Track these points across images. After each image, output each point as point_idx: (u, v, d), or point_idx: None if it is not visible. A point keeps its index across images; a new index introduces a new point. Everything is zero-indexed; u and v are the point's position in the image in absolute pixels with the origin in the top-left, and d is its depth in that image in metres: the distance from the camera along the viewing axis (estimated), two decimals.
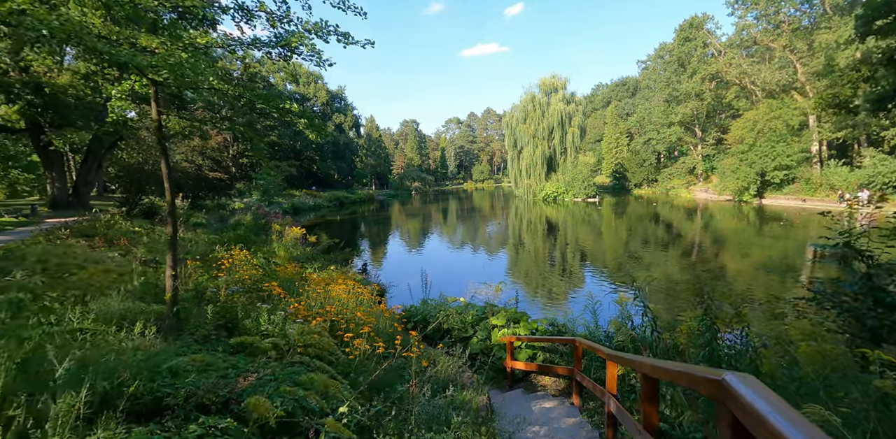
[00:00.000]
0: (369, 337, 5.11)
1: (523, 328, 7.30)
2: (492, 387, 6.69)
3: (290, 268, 9.24)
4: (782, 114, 40.90)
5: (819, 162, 42.20)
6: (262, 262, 6.95)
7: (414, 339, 5.20)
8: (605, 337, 6.28)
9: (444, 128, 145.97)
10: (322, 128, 5.45)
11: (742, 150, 42.90)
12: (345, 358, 4.19)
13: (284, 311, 4.53)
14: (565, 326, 7.54)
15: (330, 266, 14.29)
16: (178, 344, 3.76)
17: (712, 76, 51.79)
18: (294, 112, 4.95)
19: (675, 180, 60.69)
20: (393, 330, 5.58)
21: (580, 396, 5.12)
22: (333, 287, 6.54)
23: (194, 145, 31.53)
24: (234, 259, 6.40)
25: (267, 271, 6.94)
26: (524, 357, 6.83)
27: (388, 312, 5.93)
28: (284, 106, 4.87)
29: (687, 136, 59.55)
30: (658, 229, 30.09)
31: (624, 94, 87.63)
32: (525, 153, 59.99)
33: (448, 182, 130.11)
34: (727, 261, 18.60)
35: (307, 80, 71.32)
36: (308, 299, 5.86)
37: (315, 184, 68.82)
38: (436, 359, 5.27)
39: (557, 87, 60.30)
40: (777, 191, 41.68)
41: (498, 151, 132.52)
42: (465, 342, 7.77)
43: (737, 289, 13.12)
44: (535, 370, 5.94)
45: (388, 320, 5.75)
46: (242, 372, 3.12)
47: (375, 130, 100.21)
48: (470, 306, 8.73)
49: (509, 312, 7.76)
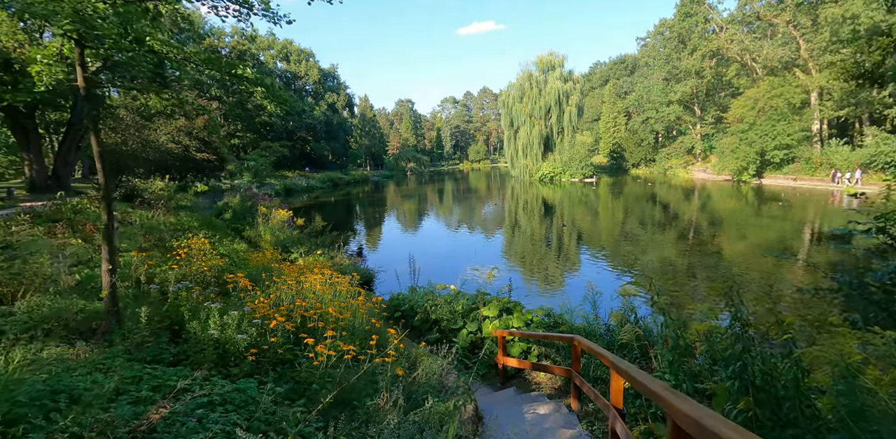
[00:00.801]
0: (340, 337, 4.54)
1: (517, 319, 6.76)
2: (482, 385, 6.19)
3: (269, 254, 8.63)
4: (784, 92, 39.94)
5: (820, 141, 41.51)
6: (229, 250, 6.33)
7: (393, 338, 4.64)
8: (606, 331, 5.74)
9: (440, 107, 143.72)
10: (285, 100, 4.76)
11: (742, 130, 42.08)
12: (308, 365, 3.62)
13: (241, 310, 3.94)
14: (562, 317, 7.01)
15: (317, 250, 13.73)
16: (104, 355, 3.16)
17: (713, 53, 50.50)
18: (249, 79, 4.26)
19: (672, 160, 59.94)
20: (370, 328, 5.01)
21: (578, 399, 4.60)
22: (309, 277, 5.94)
23: (180, 125, 30.52)
24: (193, 248, 5.75)
25: (235, 260, 6.33)
26: (517, 351, 6.31)
27: (365, 306, 5.35)
28: (237, 72, 4.17)
29: (686, 115, 58.55)
30: (656, 210, 29.56)
31: (622, 72, 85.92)
32: (521, 133, 58.91)
33: (444, 162, 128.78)
34: (725, 243, 18.12)
35: (298, 57, 69.34)
36: (278, 292, 5.27)
37: (308, 165, 67.68)
38: (418, 360, 4.72)
39: (555, 64, 58.82)
40: (777, 171, 41.09)
41: (494, 131, 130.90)
42: (454, 334, 7.25)
43: (752, 278, 12.67)
44: (528, 367, 5.42)
45: (366, 315, 5.18)
46: (166, 395, 2.53)
47: (369, 110, 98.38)
48: (460, 295, 8.19)
49: (502, 302, 7.21)
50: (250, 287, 5.43)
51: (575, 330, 6.22)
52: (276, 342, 3.80)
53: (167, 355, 3.36)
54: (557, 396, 5.43)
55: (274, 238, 15.77)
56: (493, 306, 7.05)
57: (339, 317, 4.67)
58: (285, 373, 3.65)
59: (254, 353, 3.49)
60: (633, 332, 4.67)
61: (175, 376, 2.88)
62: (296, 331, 4.36)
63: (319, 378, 3.47)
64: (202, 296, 4.55)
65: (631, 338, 4.67)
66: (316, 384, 3.38)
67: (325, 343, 4.16)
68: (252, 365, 3.49)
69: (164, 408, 2.33)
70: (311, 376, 3.52)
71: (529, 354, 6.41)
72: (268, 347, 3.67)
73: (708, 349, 3.68)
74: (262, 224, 17.07)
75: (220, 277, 5.39)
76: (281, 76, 68.95)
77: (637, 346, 4.72)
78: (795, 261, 13.99)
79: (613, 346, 5.22)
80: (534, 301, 10.38)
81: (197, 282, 5.05)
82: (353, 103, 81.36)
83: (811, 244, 17.06)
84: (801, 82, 40.70)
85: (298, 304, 4.98)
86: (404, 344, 5.78)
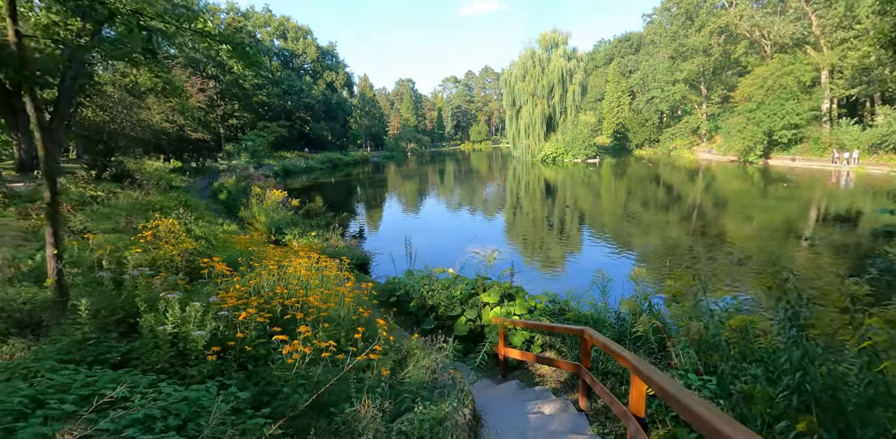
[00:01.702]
0: (323, 329, 4.08)
1: (519, 306, 6.30)
2: (482, 377, 5.77)
3: (256, 236, 8.15)
4: (794, 70, 38.76)
5: (829, 121, 40.54)
6: (206, 232, 5.83)
7: (382, 329, 4.18)
8: (617, 320, 5.27)
9: (441, 87, 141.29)
10: (256, 60, 4.18)
11: (750, 109, 41.06)
12: (281, 364, 3.16)
13: (205, 301, 3.45)
14: (567, 304, 6.54)
15: (311, 232, 13.26)
16: (33, 356, 2.69)
17: (721, 29, 48.96)
18: (211, 34, 3.67)
19: (677, 140, 58.92)
20: (358, 317, 4.54)
21: (588, 397, 4.16)
22: (294, 261, 5.46)
23: (174, 104, 29.72)
24: (161, 230, 5.22)
25: (213, 243, 5.84)
26: (520, 340, 5.87)
27: (352, 293, 4.87)
28: (196, 25, 3.59)
29: (691, 95, 57.23)
30: (661, 192, 28.96)
31: (627, 50, 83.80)
32: (524, 112, 57.74)
33: (445, 143, 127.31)
34: (736, 226, 17.60)
35: (295, 35, 67.53)
36: (258, 278, 4.79)
37: (307, 146, 66.67)
38: (409, 354, 4.27)
39: (558, 42, 57.24)
40: (784, 152, 40.23)
41: (496, 111, 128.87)
42: (453, 321, 6.81)
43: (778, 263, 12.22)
44: (532, 360, 4.97)
45: (353, 304, 4.70)
46: (97, 406, 2.06)
47: (369, 89, 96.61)
48: (459, 279, 7.72)
49: (503, 287, 6.74)
50: (228, 272, 4.95)
51: (582, 318, 5.76)
52: (245, 337, 3.33)
53: (114, 354, 2.89)
54: (564, 390, 5.00)
55: (268, 219, 15.29)
56: (493, 292, 6.58)
57: (322, 307, 4.20)
58: (255, 373, 3.19)
59: (216, 351, 3.02)
60: (649, 324, 4.20)
61: (114, 382, 2.40)
62: (272, 323, 3.90)
63: (293, 379, 3.01)
64: (166, 283, 4.06)
65: (647, 330, 4.20)
66: (288, 387, 2.92)
67: (302, 337, 3.70)
68: (215, 364, 3.02)
69: (80, 429, 1.85)
70: (284, 377, 3.06)
71: (533, 344, 5.97)
72: (234, 343, 3.20)
73: (745, 347, 3.20)
74: (256, 204, 16.57)
75: (193, 262, 4.90)
76: (278, 54, 67.33)
77: (655, 340, 4.25)
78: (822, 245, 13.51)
79: (626, 338, 4.77)
80: (537, 285, 9.94)
81: (166, 267, 4.57)
82: (353, 82, 79.68)
83: (831, 226, 16.51)
84: (811, 60, 39.49)
85: (279, 292, 4.51)
86: (398, 333, 5.34)
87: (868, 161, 33.38)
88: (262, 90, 59.07)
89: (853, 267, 10.52)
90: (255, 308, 4.05)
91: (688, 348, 3.84)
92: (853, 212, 18.57)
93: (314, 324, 4.15)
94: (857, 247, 13.19)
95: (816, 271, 10.72)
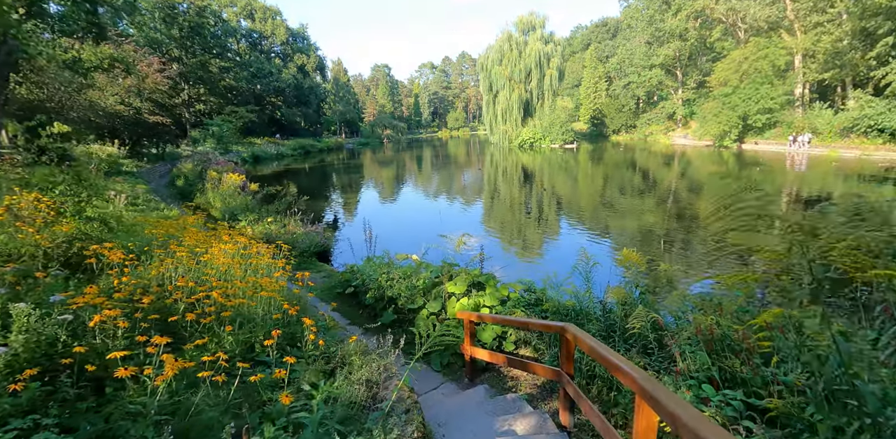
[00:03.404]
0: (231, 333, 3.15)
1: (489, 297, 5.45)
2: (445, 380, 4.92)
3: (191, 220, 7.09)
4: (769, 54, 38.64)
5: (801, 105, 40.74)
6: (100, 214, 4.78)
7: (308, 330, 3.26)
8: (603, 312, 4.46)
9: (418, 73, 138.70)
10: None
11: (725, 93, 40.93)
12: (139, 391, 2.22)
13: (37, 303, 2.48)
14: (545, 293, 5.73)
15: (268, 218, 12.19)
16: None
17: (697, 13, 48.58)
18: None
19: (653, 126, 58.84)
20: (283, 316, 3.62)
21: (570, 411, 3.34)
22: (215, 247, 4.47)
23: (129, 85, 27.78)
24: (23, 206, 4.15)
25: (111, 226, 4.79)
26: (490, 336, 5.03)
27: (277, 286, 3.91)
28: None
29: (668, 80, 57.01)
30: (640, 177, 28.53)
31: (604, 35, 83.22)
32: (501, 97, 56.72)
33: (422, 130, 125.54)
34: (706, 209, 17.12)
35: (264, 15, 64.67)
36: (159, 268, 3.80)
37: (279, 132, 64.39)
38: (346, 362, 3.36)
39: (536, 25, 56.16)
40: (758, 136, 40.34)
41: (473, 98, 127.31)
42: (415, 314, 5.93)
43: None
44: (502, 363, 4.13)
45: (281, 299, 3.76)
46: None
47: (343, 74, 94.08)
48: (423, 266, 6.83)
49: (471, 275, 5.87)
50: (128, 262, 3.93)
51: (562, 310, 4.94)
52: (96, 349, 2.37)
53: None
54: (542, 398, 4.18)
55: (223, 205, 14.10)
56: (460, 280, 5.71)
57: (227, 304, 3.25)
58: (110, 402, 2.24)
59: (37, 375, 2.06)
60: (647, 318, 3.39)
61: None
62: (162, 327, 2.95)
63: (147, 414, 2.07)
64: (15, 277, 3.04)
65: (644, 326, 3.39)
66: (135, 429, 1.98)
67: (192, 345, 2.77)
68: (36, 394, 2.07)
69: None
70: (140, 407, 2.12)
71: (505, 340, 5.13)
72: (70, 360, 2.23)
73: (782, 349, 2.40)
74: (212, 189, 15.32)
75: (78, 250, 3.87)
76: (246, 36, 64.48)
77: (654, 339, 3.44)
78: None
79: (615, 334, 3.96)
80: (511, 272, 9.14)
81: (31, 256, 3.53)
82: (325, 66, 77.10)
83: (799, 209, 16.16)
84: (785, 44, 39.42)
85: (182, 285, 3.54)
86: (340, 333, 4.42)
87: (840, 144, 33.64)
88: (229, 73, 56.52)
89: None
90: (147, 307, 3.09)
91: (695, 349, 3.04)
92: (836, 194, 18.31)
93: (225, 325, 3.22)
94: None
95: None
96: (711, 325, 3.03)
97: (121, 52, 21.29)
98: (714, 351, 2.99)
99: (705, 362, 2.87)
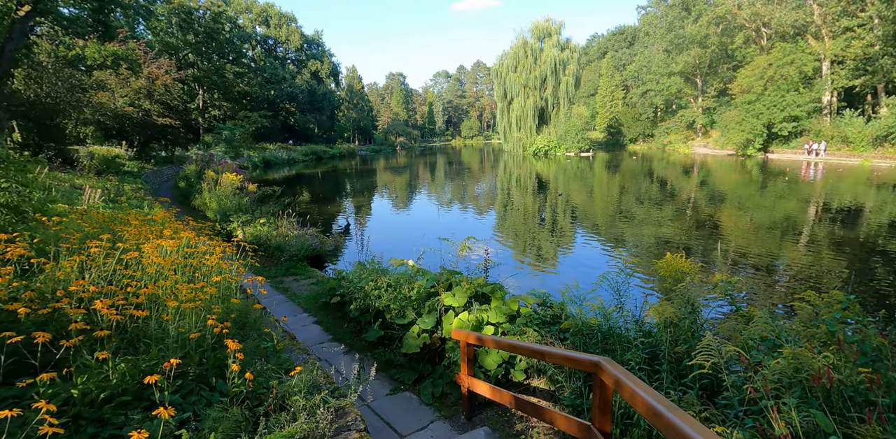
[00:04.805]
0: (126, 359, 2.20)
1: (495, 311, 4.41)
2: (437, 417, 3.88)
3: (159, 216, 6.22)
4: (796, 59, 37.22)
5: (829, 113, 39.14)
6: (8, 199, 3.88)
7: (234, 358, 2.29)
8: (640, 334, 3.40)
9: (433, 81, 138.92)
10: None
11: (749, 100, 39.54)
12: None
13: None
14: (563, 307, 4.68)
15: (260, 219, 11.33)
16: None
17: (719, 19, 47.36)
18: None
19: (672, 135, 57.38)
20: (202, 334, 2.65)
21: None
22: (150, 243, 3.54)
23: (139, 87, 27.44)
24: None
25: (25, 215, 3.88)
26: (494, 362, 3.99)
27: (204, 294, 2.95)
28: None
29: (687, 88, 55.66)
30: (662, 187, 27.26)
31: (621, 43, 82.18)
32: (515, 104, 55.84)
33: (435, 138, 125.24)
34: (740, 224, 15.89)
35: (278, 21, 64.96)
36: (72, 264, 2.88)
37: (292, 138, 64.27)
38: (285, 402, 2.37)
39: (551, 31, 55.37)
40: (784, 145, 38.78)
41: (488, 106, 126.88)
42: (406, 331, 4.91)
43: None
44: (508, 403, 3.08)
45: (218, 310, 2.81)
46: None
47: (358, 82, 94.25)
48: (421, 273, 5.83)
49: (474, 284, 4.85)
50: (41, 261, 3.01)
51: (585, 329, 3.89)
52: None
53: None
54: None
55: (219, 206, 13.31)
56: (459, 291, 4.68)
57: (116, 319, 2.29)
58: None
59: None
60: (721, 352, 2.32)
61: None
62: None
63: None
64: None
65: (717, 364, 2.32)
66: None
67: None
68: None
69: None
70: None
71: (514, 367, 4.09)
72: None
73: None
74: (208, 190, 14.55)
75: None
76: (261, 42, 64.75)
77: (734, 385, 2.36)
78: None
79: (660, 367, 2.91)
80: (523, 283, 8.12)
81: None
82: (339, 72, 77.06)
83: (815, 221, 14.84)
84: (812, 49, 37.99)
85: (77, 289, 2.60)
86: (329, 348, 3.44)
87: (872, 154, 32.02)
88: (244, 78, 56.58)
89: None
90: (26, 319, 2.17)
91: (799, 402, 1.98)
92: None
93: (102, 350, 2.27)
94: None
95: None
96: (827, 367, 1.99)
97: (125, 50, 20.80)
98: (833, 406, 1.95)
99: (826, 425, 1.82)
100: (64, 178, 12.37)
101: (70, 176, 13.32)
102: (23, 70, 16.35)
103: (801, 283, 8.34)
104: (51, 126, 16.34)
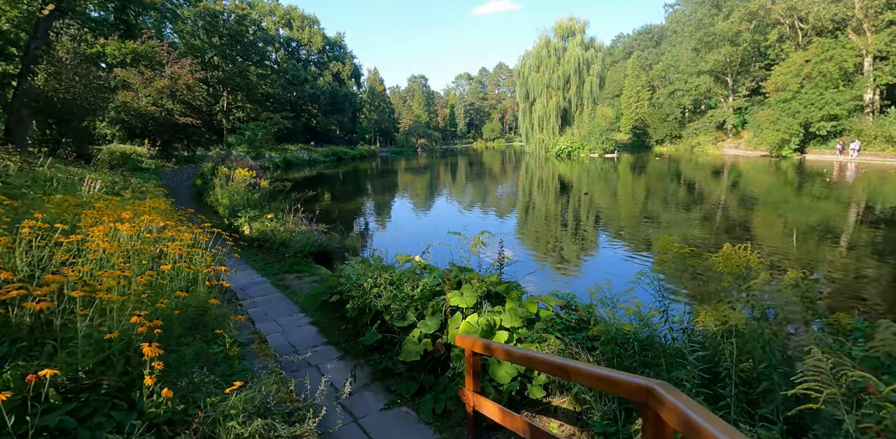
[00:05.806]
0: None
1: (510, 314, 3.74)
2: (441, 438, 3.22)
3: (154, 203, 5.74)
4: (836, 55, 35.39)
5: (872, 112, 37.09)
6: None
7: (147, 369, 1.66)
8: (694, 345, 2.71)
9: (454, 84, 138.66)
10: None
11: (784, 99, 37.77)
12: None
13: None
14: (591, 310, 3.97)
15: (268, 214, 10.89)
16: None
17: (751, 15, 45.56)
18: None
19: (701, 136, 55.48)
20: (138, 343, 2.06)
21: None
22: (104, 225, 3.01)
23: (162, 86, 27.60)
24: None
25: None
26: (508, 375, 3.31)
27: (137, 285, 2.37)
28: None
29: (717, 87, 53.71)
30: (702, 189, 26.07)
31: (647, 43, 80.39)
32: (538, 105, 54.87)
33: (457, 140, 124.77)
34: (785, 230, 14.79)
35: (301, 24, 65.48)
36: None
37: (314, 140, 64.59)
38: (210, 435, 1.74)
39: (575, 30, 54.28)
40: (822, 145, 36.89)
41: (510, 109, 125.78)
42: (406, 334, 4.27)
43: None
44: (522, 431, 2.39)
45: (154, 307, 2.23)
46: None
47: (379, 84, 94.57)
48: (428, 269, 5.19)
49: (486, 282, 4.18)
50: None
51: (619, 337, 3.18)
52: None
53: None
54: None
55: (230, 202, 12.95)
56: (468, 290, 4.01)
57: None
58: None
59: None
60: (848, 381, 1.59)
61: None
62: None
63: None
64: None
65: (834, 396, 1.61)
66: None
67: None
68: None
69: None
70: None
71: (531, 382, 3.41)
72: None
73: None
74: (219, 186, 14.23)
75: None
76: (284, 44, 65.34)
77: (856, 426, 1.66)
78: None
79: (726, 393, 2.21)
80: (542, 283, 7.41)
81: None
82: (360, 74, 77.24)
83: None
84: (853, 44, 36.09)
85: None
86: (322, 352, 2.83)
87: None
88: (266, 80, 57.04)
89: None
90: None
91: None
92: None
93: None
94: None
95: None
96: None
97: (145, 48, 20.82)
98: None
99: None
100: (75, 172, 12.25)
101: (83, 170, 13.21)
102: (43, 66, 16.37)
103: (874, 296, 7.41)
104: (69, 122, 16.31)
